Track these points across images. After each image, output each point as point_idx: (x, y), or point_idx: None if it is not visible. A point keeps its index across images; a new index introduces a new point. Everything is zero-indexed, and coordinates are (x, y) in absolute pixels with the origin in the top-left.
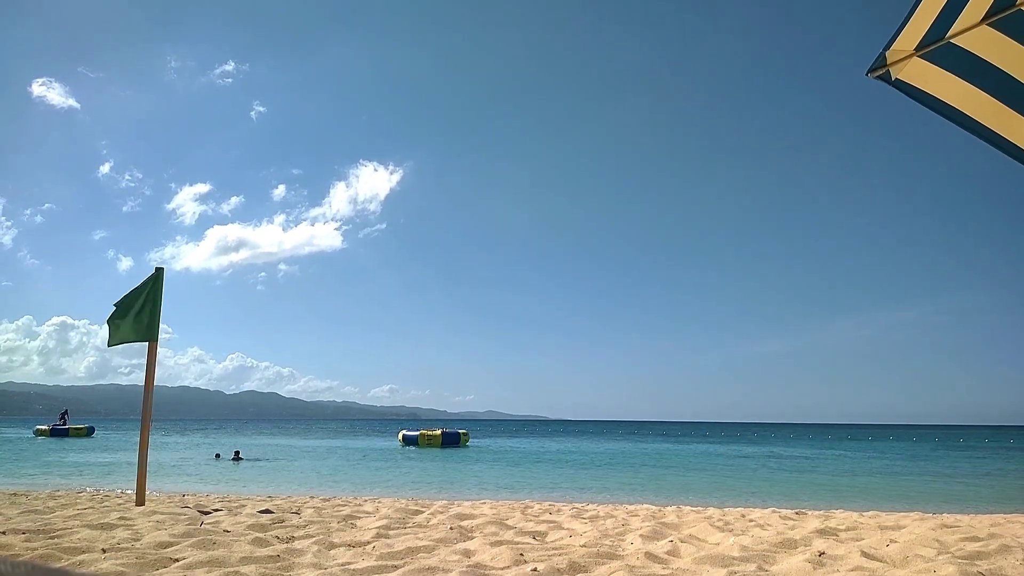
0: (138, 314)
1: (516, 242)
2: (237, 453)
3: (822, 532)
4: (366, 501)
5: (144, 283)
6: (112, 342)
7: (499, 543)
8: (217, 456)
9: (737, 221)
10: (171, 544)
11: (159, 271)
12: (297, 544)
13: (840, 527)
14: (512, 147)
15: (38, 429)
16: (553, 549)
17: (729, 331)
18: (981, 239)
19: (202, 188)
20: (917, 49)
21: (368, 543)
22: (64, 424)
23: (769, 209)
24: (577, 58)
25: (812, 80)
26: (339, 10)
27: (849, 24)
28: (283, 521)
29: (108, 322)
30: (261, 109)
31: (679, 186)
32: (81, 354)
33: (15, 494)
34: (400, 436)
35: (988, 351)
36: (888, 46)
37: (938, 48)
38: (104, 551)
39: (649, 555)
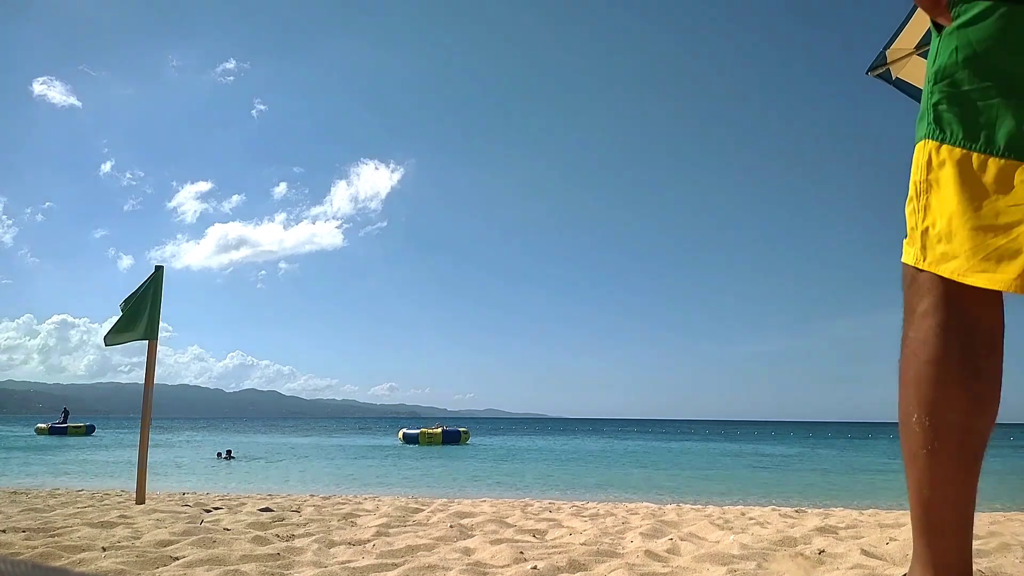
0: (138, 313)
1: (516, 242)
2: (229, 452)
3: (822, 530)
4: (366, 499)
5: (145, 283)
6: (110, 342)
7: (499, 541)
8: (219, 455)
9: (735, 222)
10: (171, 542)
11: (159, 270)
12: (297, 542)
13: (840, 525)
14: (513, 147)
15: (39, 427)
16: (553, 547)
17: (730, 330)
18: None
19: (203, 186)
20: (917, 48)
21: (368, 541)
22: (63, 423)
23: (768, 210)
24: (579, 57)
25: (816, 82)
26: (340, 9)
27: (848, 26)
28: (283, 519)
29: (114, 324)
30: (262, 107)
31: (680, 188)
32: (81, 352)
33: (15, 492)
34: (400, 434)
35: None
36: (888, 45)
37: None
38: (104, 549)
39: (649, 553)
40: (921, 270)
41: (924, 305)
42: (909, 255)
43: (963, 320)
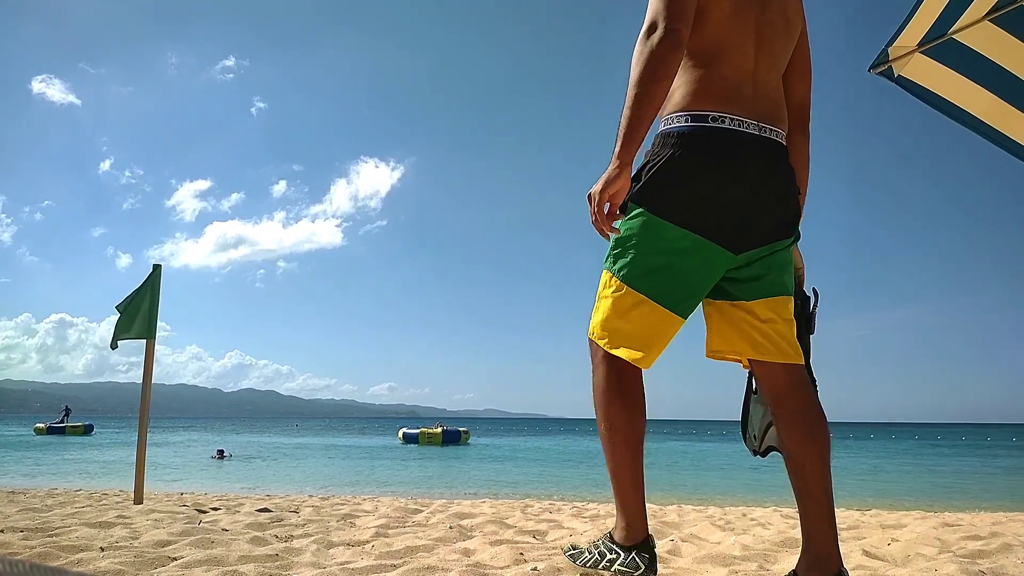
0: (136, 312)
1: (517, 241)
2: (220, 452)
3: None
4: (365, 500)
5: (144, 284)
6: (115, 342)
7: (499, 542)
8: (219, 453)
9: None
10: (169, 543)
11: (156, 268)
12: (296, 543)
13: (841, 526)
14: (515, 145)
15: (37, 427)
16: (553, 548)
17: None
18: (974, 241)
19: (202, 184)
20: (920, 45)
21: (367, 542)
22: (62, 422)
23: None
24: (577, 58)
25: (813, 86)
26: (340, 8)
27: (848, 27)
28: (281, 520)
29: (116, 325)
30: (262, 105)
31: None
32: (79, 351)
33: (13, 492)
34: (400, 434)
35: (987, 351)
36: (891, 42)
37: (940, 44)
38: (102, 549)
39: None
40: (594, 341)
41: (597, 360)
42: (591, 331)
43: (614, 369)
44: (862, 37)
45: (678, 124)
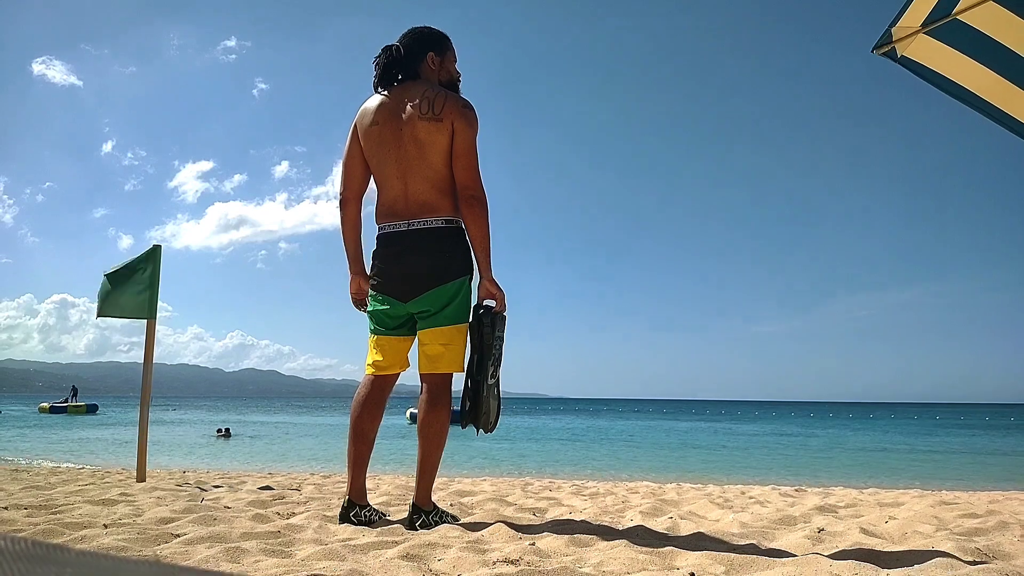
0: (137, 291)
1: (518, 224)
2: (227, 430)
3: (821, 509)
4: (367, 477)
5: (139, 258)
6: (101, 312)
7: (499, 519)
8: (219, 432)
9: (739, 206)
10: (172, 520)
11: (156, 248)
12: (297, 520)
13: (839, 504)
14: (515, 132)
15: (42, 407)
16: (553, 526)
17: (732, 311)
18: (977, 220)
19: (205, 165)
20: (923, 26)
21: None
22: (66, 402)
23: (771, 194)
24: (584, 48)
25: (815, 67)
26: None
27: (850, 13)
28: (283, 497)
29: (99, 294)
30: (264, 86)
31: (681, 172)
32: (81, 331)
33: (17, 470)
34: (408, 414)
35: (987, 331)
36: (894, 23)
37: (944, 25)
38: (106, 526)
39: (649, 531)
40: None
41: (364, 379)
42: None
43: (372, 385)
44: (864, 18)
45: (376, 234)
